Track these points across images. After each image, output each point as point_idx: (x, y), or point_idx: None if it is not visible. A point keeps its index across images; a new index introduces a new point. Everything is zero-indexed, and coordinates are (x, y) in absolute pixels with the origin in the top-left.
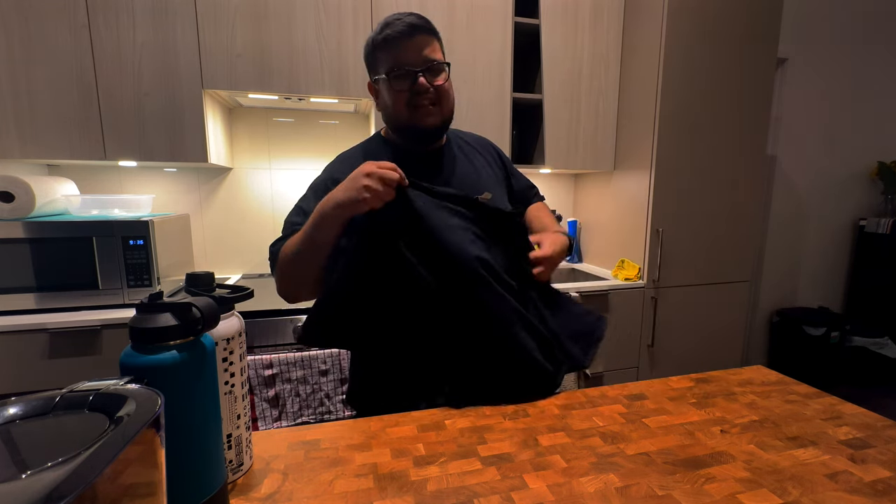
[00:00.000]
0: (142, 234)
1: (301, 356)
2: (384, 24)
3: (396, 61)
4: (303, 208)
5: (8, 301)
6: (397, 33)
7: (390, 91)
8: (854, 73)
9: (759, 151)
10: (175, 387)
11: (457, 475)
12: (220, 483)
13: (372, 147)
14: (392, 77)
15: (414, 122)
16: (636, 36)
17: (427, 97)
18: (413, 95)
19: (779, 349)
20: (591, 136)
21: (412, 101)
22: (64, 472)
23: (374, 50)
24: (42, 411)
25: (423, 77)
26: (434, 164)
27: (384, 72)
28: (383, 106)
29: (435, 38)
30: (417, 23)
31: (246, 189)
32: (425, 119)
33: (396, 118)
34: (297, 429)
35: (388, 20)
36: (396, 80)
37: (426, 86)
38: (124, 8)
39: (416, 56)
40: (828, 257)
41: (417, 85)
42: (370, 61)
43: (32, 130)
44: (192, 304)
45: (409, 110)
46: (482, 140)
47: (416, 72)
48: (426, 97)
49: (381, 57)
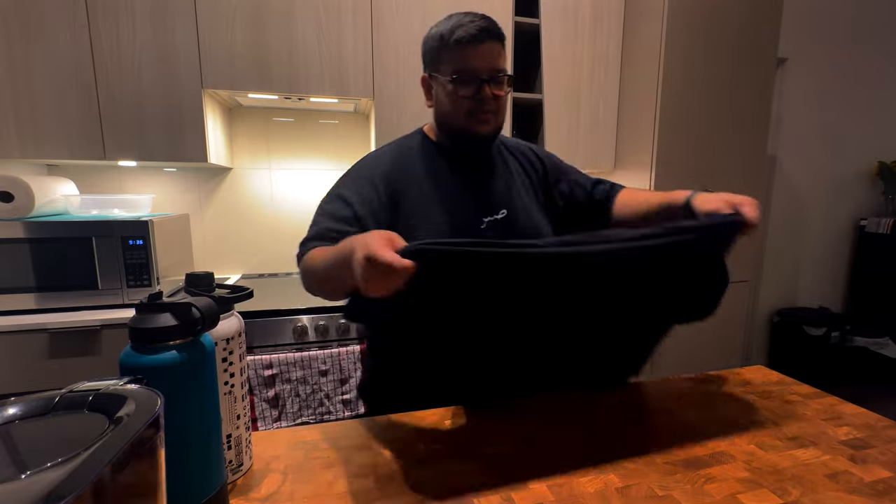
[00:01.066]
0: (141, 234)
1: (301, 356)
2: (456, 25)
3: (464, 66)
4: (343, 196)
5: (8, 301)
6: (469, 36)
7: (451, 95)
8: (854, 73)
9: (759, 151)
10: (175, 387)
11: (457, 475)
12: (220, 483)
13: (413, 145)
14: (457, 82)
15: (469, 129)
16: (636, 36)
17: (487, 106)
18: (474, 103)
19: (779, 349)
20: (591, 136)
21: (472, 109)
22: (64, 472)
23: (441, 47)
24: (42, 411)
25: (487, 86)
26: (474, 167)
27: (448, 74)
28: (437, 105)
29: (502, 44)
30: (489, 27)
31: (246, 189)
32: (481, 127)
33: (452, 122)
34: (297, 429)
35: (460, 20)
36: (461, 86)
37: (489, 96)
38: (124, 8)
39: (483, 63)
40: (828, 257)
41: (481, 94)
42: (432, 56)
43: (32, 130)
44: (192, 304)
45: (466, 117)
46: (522, 145)
47: (482, 80)
48: (486, 106)
49: (446, 57)
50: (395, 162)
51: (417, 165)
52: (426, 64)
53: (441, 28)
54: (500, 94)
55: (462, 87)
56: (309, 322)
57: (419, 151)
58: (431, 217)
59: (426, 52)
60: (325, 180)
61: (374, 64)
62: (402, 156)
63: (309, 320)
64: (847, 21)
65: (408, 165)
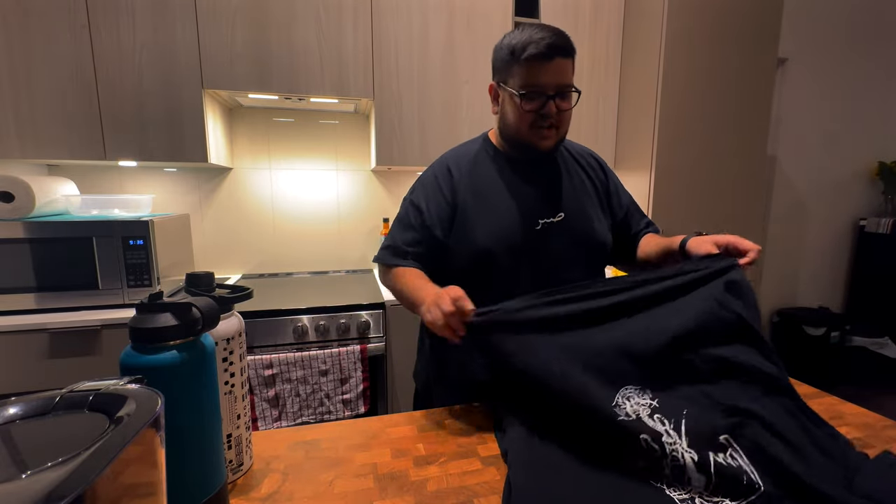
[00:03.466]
0: (142, 234)
1: (301, 356)
2: (528, 40)
3: (532, 81)
4: (417, 205)
5: (8, 301)
6: (539, 54)
7: (517, 108)
8: (854, 73)
9: (759, 151)
10: (175, 387)
11: (457, 475)
12: (220, 483)
13: (476, 149)
14: (524, 97)
15: (532, 141)
16: (636, 36)
17: (550, 120)
18: (539, 118)
19: (779, 349)
20: (591, 137)
21: (536, 123)
22: (64, 472)
23: (511, 60)
24: (42, 411)
25: (553, 102)
26: (534, 170)
27: (516, 87)
28: (503, 115)
29: (571, 59)
30: (559, 44)
31: (246, 189)
32: (543, 141)
33: (515, 133)
34: (297, 429)
35: (532, 35)
36: (527, 101)
37: (554, 111)
38: (124, 8)
39: (551, 79)
40: (828, 257)
41: (546, 109)
42: (502, 66)
43: (32, 130)
44: (192, 304)
45: (530, 130)
46: (585, 151)
47: (548, 96)
48: (550, 120)
49: (516, 70)
50: (459, 166)
51: (479, 168)
52: (495, 72)
53: (513, 40)
54: (566, 108)
55: (528, 102)
56: (309, 322)
57: (482, 155)
58: (489, 217)
59: (496, 61)
60: (325, 180)
61: (374, 64)
62: (465, 159)
63: (309, 320)
64: (847, 21)
65: (470, 168)
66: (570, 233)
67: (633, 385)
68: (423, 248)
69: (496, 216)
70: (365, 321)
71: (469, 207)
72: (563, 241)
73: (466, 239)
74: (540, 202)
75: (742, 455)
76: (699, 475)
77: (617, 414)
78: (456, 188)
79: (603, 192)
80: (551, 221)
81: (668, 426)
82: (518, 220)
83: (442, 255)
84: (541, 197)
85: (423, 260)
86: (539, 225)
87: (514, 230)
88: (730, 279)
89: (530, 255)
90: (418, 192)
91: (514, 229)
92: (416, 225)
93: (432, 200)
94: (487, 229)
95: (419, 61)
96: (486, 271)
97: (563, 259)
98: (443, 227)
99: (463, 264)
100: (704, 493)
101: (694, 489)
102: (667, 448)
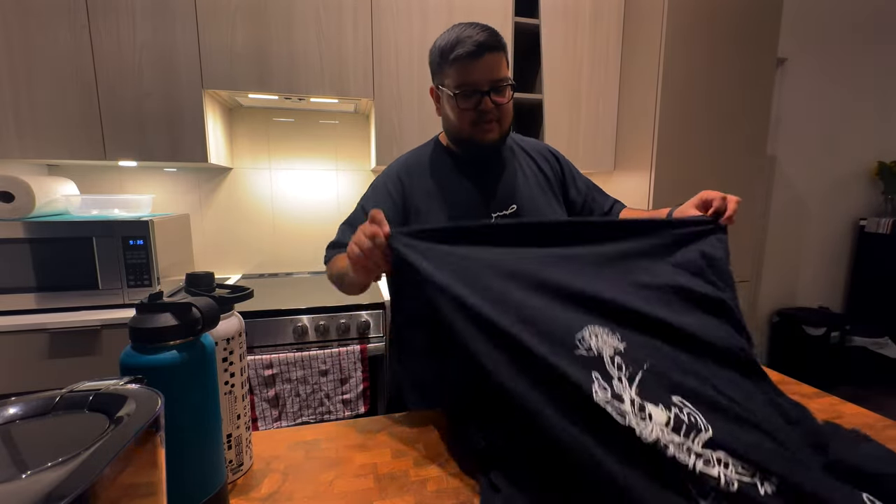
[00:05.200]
0: (142, 234)
1: (301, 356)
2: (455, 41)
3: (464, 80)
4: (365, 209)
5: (8, 301)
6: (467, 53)
7: (455, 108)
8: (854, 73)
9: (759, 151)
10: (175, 387)
11: (457, 475)
12: (220, 483)
13: (426, 152)
14: (459, 96)
15: (475, 137)
16: (636, 36)
17: (490, 115)
18: (478, 115)
19: (779, 349)
20: (591, 136)
21: (476, 119)
22: (64, 472)
23: (442, 62)
24: (42, 411)
25: (488, 98)
26: (483, 167)
27: (451, 88)
28: (445, 116)
29: (503, 53)
30: (487, 41)
31: (246, 189)
32: (486, 136)
33: (458, 132)
34: (297, 429)
35: (459, 35)
36: (463, 99)
37: (491, 106)
38: (124, 8)
39: (483, 76)
40: (828, 257)
41: (483, 106)
42: (436, 69)
43: (32, 130)
44: (192, 304)
45: (471, 127)
46: (538, 145)
47: (482, 92)
48: (489, 115)
49: (448, 72)
50: (409, 168)
51: (428, 169)
52: (433, 76)
53: (442, 42)
54: (502, 102)
55: (464, 101)
56: (309, 322)
57: (431, 157)
58: (442, 215)
59: (431, 65)
60: (325, 180)
61: (374, 64)
62: (415, 162)
63: (309, 320)
64: (847, 21)
65: (420, 171)
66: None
67: (601, 325)
68: None
69: (449, 214)
70: (365, 321)
71: (422, 209)
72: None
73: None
74: (492, 196)
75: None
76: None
77: (577, 346)
78: (406, 193)
79: (557, 182)
80: (504, 214)
81: (623, 373)
82: (471, 214)
83: None
84: (493, 191)
85: None
86: (492, 219)
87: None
88: (710, 253)
89: None
90: (368, 197)
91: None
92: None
93: (381, 204)
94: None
95: (419, 61)
96: None
97: None
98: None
99: None
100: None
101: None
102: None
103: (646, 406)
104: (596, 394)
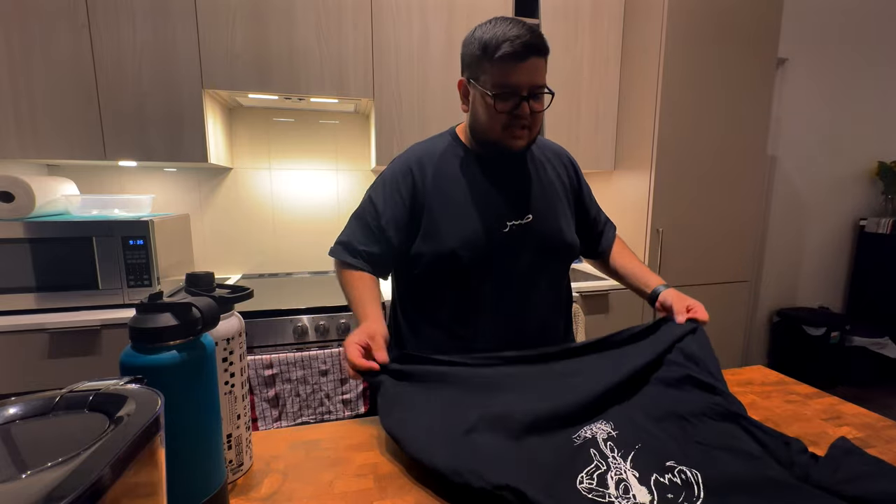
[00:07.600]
0: (142, 234)
1: (301, 356)
2: (502, 38)
3: (505, 81)
4: (373, 200)
5: (8, 301)
6: (514, 53)
7: (489, 108)
8: (854, 73)
9: (759, 151)
10: (175, 387)
11: None
12: (220, 483)
13: (446, 149)
14: (497, 97)
15: (504, 141)
16: (636, 36)
17: (524, 121)
18: (512, 119)
19: (779, 349)
20: (591, 136)
21: (509, 124)
22: (64, 472)
23: (483, 57)
24: (42, 411)
25: (526, 103)
26: (504, 171)
27: (489, 87)
28: (473, 113)
29: (545, 58)
30: (535, 43)
31: (246, 189)
32: (515, 142)
33: (487, 133)
34: (297, 429)
35: (506, 32)
36: (500, 101)
37: (527, 112)
38: (124, 8)
39: (525, 80)
40: (828, 257)
41: (520, 111)
42: (472, 62)
43: (32, 130)
44: (192, 304)
45: (502, 130)
46: (559, 150)
47: (521, 97)
48: (523, 121)
49: (488, 68)
50: (421, 162)
51: (445, 167)
52: (465, 68)
53: (485, 35)
54: (539, 109)
55: (501, 103)
56: (309, 322)
57: (449, 153)
58: (455, 219)
59: (466, 56)
60: (325, 180)
61: (374, 64)
62: (428, 156)
63: (309, 320)
64: (847, 21)
65: (433, 166)
66: (538, 235)
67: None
68: (376, 248)
69: (463, 218)
70: None
71: (435, 208)
72: (531, 243)
73: (432, 239)
74: (508, 204)
75: (690, 469)
76: (641, 487)
77: (573, 439)
78: (417, 190)
79: (573, 192)
80: (519, 223)
81: (617, 453)
82: (486, 222)
83: (395, 256)
84: (509, 198)
85: (375, 259)
86: (507, 227)
87: (482, 233)
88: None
89: (496, 258)
90: (378, 189)
91: (482, 232)
92: (372, 225)
93: (389, 201)
94: (454, 231)
95: (419, 61)
96: (450, 274)
97: (529, 262)
98: (398, 229)
99: (427, 265)
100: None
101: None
102: (611, 463)
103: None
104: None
